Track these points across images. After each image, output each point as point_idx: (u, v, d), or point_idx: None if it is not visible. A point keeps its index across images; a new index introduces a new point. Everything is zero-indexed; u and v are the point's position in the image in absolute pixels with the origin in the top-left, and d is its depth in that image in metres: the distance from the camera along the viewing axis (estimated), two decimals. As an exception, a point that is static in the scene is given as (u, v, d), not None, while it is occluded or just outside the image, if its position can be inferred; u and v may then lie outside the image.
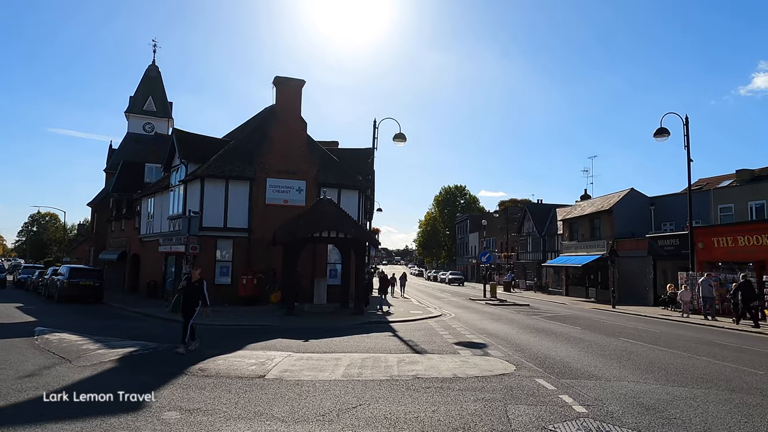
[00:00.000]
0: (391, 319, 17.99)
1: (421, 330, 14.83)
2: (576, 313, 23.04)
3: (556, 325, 17.01)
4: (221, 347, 10.25)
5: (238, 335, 13.26)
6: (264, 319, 17.48)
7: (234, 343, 11.44)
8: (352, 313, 19.02)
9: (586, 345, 11.88)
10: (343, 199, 26.17)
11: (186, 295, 10.45)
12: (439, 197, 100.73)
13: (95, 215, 48.34)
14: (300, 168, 25.43)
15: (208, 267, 24.00)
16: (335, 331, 14.20)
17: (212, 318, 15.77)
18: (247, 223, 24.50)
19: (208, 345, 10.88)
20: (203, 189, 24.30)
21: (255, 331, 14.49)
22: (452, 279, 63.16)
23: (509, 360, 9.55)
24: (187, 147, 26.14)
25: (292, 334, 13.63)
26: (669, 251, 27.84)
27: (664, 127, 24.39)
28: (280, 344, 11.31)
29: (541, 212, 51.69)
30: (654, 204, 33.52)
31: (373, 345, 11.34)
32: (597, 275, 35.63)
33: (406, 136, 24.83)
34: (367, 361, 8.93)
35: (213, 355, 9.42)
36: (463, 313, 21.55)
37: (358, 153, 30.33)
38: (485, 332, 14.22)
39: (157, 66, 58.66)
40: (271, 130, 25.36)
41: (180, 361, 8.88)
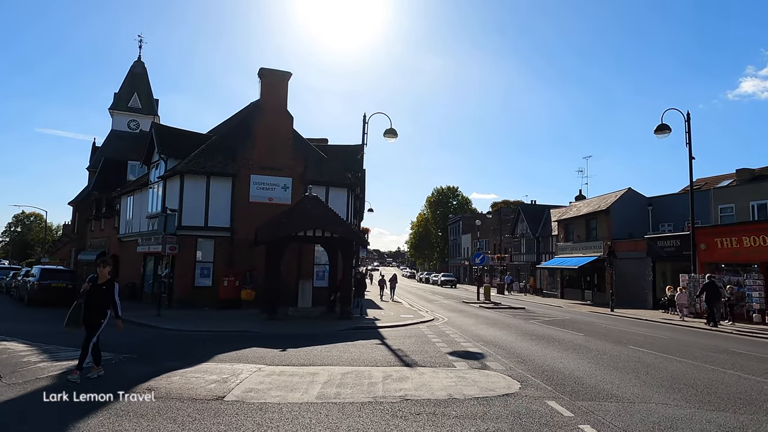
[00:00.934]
0: (379, 324, 16.79)
1: (411, 337, 13.65)
2: (574, 317, 21.97)
3: (557, 330, 15.89)
4: (185, 358, 8.99)
5: (209, 343, 12.01)
6: (243, 324, 16.22)
7: (202, 352, 10.19)
8: (339, 318, 17.80)
9: (595, 355, 10.74)
10: (331, 197, 24.97)
11: (89, 302, 7.81)
12: (432, 198, 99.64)
13: (77, 215, 46.74)
14: (286, 164, 24.18)
15: (187, 268, 22.77)
16: (318, 339, 12.98)
17: (182, 323, 14.50)
18: (229, 222, 23.23)
19: (170, 355, 9.65)
20: (183, 186, 22.99)
21: (230, 337, 13.25)
22: (444, 281, 62.06)
23: (512, 375, 8.37)
24: (166, 142, 24.80)
25: (270, 341, 12.40)
26: (669, 252, 26.88)
27: (665, 124, 23.42)
28: (254, 354, 10.07)
29: (535, 213, 50.70)
30: (652, 204, 32.60)
31: (358, 355, 10.14)
32: (593, 277, 34.65)
33: (397, 132, 23.76)
34: (348, 377, 7.70)
35: (171, 368, 8.15)
36: (457, 318, 20.40)
37: (348, 150, 29.11)
38: (481, 339, 13.05)
39: (143, 62, 57.11)
40: (255, 124, 24.11)
41: (129, 377, 7.63)
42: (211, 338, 13.05)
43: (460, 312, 23.49)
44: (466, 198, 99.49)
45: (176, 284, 22.87)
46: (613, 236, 32.04)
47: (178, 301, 22.32)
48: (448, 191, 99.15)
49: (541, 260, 46.32)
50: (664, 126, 23.34)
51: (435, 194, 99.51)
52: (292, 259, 24.20)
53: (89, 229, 38.40)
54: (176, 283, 22.90)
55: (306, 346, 11.32)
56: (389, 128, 23.71)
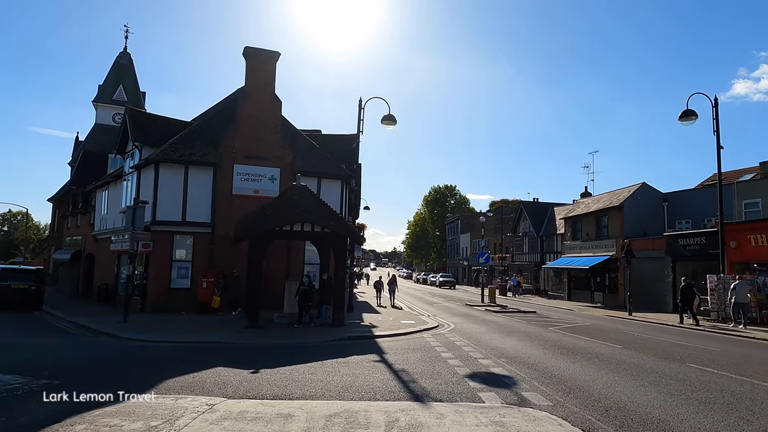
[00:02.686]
0: (377, 332, 14.51)
1: (416, 350, 11.36)
2: (595, 323, 19.73)
3: (586, 341, 13.60)
4: (122, 385, 6.67)
5: (167, 360, 9.74)
6: (218, 332, 13.93)
7: (148, 375, 7.91)
8: (330, 325, 15.52)
9: (657, 380, 8.31)
10: (323, 189, 22.67)
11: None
12: (429, 197, 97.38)
13: (56, 212, 44.26)
14: (273, 153, 21.87)
15: (163, 267, 20.42)
16: (302, 353, 10.70)
17: (147, 332, 12.25)
18: (209, 217, 20.91)
19: (106, 380, 7.36)
20: (157, 176, 20.65)
21: (196, 351, 10.97)
22: (443, 282, 59.83)
23: (567, 416, 6.01)
24: (141, 128, 22.47)
25: (243, 357, 10.14)
26: (693, 251, 24.69)
27: (691, 109, 21.30)
28: (215, 378, 7.77)
29: (538, 211, 48.51)
30: (667, 200, 30.43)
31: (350, 380, 7.84)
32: (604, 278, 32.45)
33: (395, 118, 21.57)
34: (335, 424, 5.29)
35: (87, 407, 5.80)
36: (464, 324, 18.14)
37: (342, 139, 26.84)
38: (503, 354, 10.74)
39: (129, 53, 54.49)
40: (240, 109, 21.78)
41: (17, 423, 5.31)
42: (172, 352, 10.77)
43: (466, 317, 21.23)
44: (464, 197, 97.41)
45: (150, 286, 20.57)
46: (626, 234, 29.87)
47: (152, 305, 20.02)
48: (445, 190, 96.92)
49: (546, 260, 44.12)
50: (690, 111, 21.22)
51: (432, 193, 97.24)
52: (280, 258, 21.92)
53: (65, 227, 35.95)
54: (150, 284, 20.60)
55: (285, 365, 9.03)
56: (387, 114, 21.55)
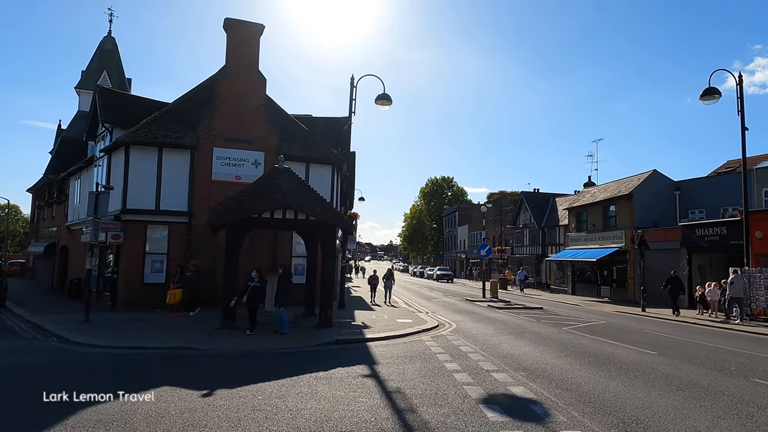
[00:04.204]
0: (369, 335, 12.69)
1: (414, 359, 9.53)
2: (610, 321, 17.94)
3: (612, 345, 11.74)
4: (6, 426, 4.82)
5: (104, 375, 7.90)
6: (186, 334, 12.09)
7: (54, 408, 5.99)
8: (316, 326, 13.68)
9: (734, 405, 6.47)
10: (312, 175, 20.82)
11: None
12: (426, 189, 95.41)
13: (35, 202, 42.19)
14: (256, 135, 19.97)
15: (135, 260, 18.51)
16: (276, 363, 8.89)
17: (104, 335, 10.48)
18: (186, 205, 19.03)
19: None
20: (128, 160, 18.72)
21: (150, 361, 9.13)
22: (441, 275, 58.15)
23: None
24: (112, 108, 20.51)
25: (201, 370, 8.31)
26: (711, 242, 22.95)
27: (714, 87, 19.52)
28: (149, 409, 5.90)
29: (539, 202, 46.72)
30: (679, 189, 28.67)
31: (327, 411, 5.92)
32: (611, 271, 30.72)
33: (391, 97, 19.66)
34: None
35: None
36: (467, 323, 16.34)
37: (333, 123, 24.93)
38: (519, 365, 8.89)
39: (113, 37, 52.05)
40: (220, 87, 19.82)
41: None
42: (119, 363, 8.93)
43: (468, 314, 19.43)
44: (462, 189, 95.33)
45: (121, 281, 18.72)
46: (637, 224, 28.13)
47: (124, 302, 18.16)
48: (442, 182, 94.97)
49: (547, 252, 42.44)
50: (713, 90, 19.45)
51: (429, 185, 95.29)
52: (265, 251, 20.09)
53: (42, 218, 33.96)
54: (121, 279, 18.75)
55: (251, 383, 7.18)
56: (382, 93, 19.63)
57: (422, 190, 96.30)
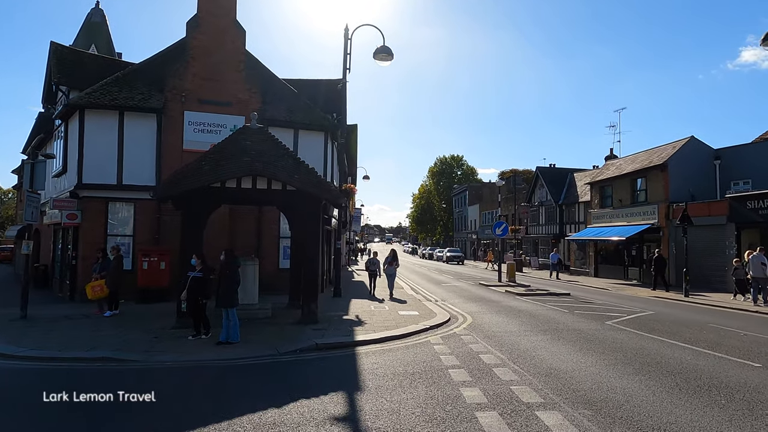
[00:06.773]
0: (361, 335, 9.91)
1: (416, 379, 6.72)
2: (659, 311, 14.93)
3: (693, 353, 8.46)
4: None
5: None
6: (127, 338, 9.40)
7: None
8: (297, 323, 10.95)
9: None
10: (302, 144, 18.01)
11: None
12: (434, 168, 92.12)
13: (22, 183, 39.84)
14: (235, 97, 17.11)
15: (95, 244, 15.74)
16: (216, 388, 6.20)
17: (27, 337, 7.76)
18: (155, 179, 16.29)
19: None
20: (83, 126, 15.98)
21: (50, 381, 6.46)
22: (450, 257, 55.39)
23: None
24: (68, 67, 17.69)
25: (117, 400, 5.55)
26: (766, 216, 19.82)
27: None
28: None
29: (557, 177, 43.51)
30: (720, 158, 25.41)
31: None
32: (641, 251, 27.68)
33: (392, 51, 16.68)
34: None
35: None
36: (485, 315, 13.52)
37: (326, 85, 21.94)
38: (574, 390, 5.88)
39: (102, 9, 48.88)
40: (191, 40, 16.90)
41: None
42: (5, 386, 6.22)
43: (485, 302, 16.61)
44: (472, 168, 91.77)
45: (80, 268, 16.10)
46: (672, 198, 25.00)
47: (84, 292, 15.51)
48: (452, 160, 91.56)
49: (566, 231, 39.39)
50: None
51: (438, 164, 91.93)
52: (247, 231, 17.40)
53: (19, 199, 31.53)
54: (80, 266, 16.14)
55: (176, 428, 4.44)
56: (381, 46, 16.67)
57: (431, 170, 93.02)
